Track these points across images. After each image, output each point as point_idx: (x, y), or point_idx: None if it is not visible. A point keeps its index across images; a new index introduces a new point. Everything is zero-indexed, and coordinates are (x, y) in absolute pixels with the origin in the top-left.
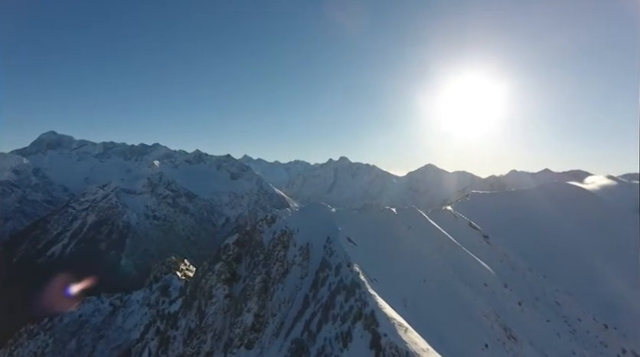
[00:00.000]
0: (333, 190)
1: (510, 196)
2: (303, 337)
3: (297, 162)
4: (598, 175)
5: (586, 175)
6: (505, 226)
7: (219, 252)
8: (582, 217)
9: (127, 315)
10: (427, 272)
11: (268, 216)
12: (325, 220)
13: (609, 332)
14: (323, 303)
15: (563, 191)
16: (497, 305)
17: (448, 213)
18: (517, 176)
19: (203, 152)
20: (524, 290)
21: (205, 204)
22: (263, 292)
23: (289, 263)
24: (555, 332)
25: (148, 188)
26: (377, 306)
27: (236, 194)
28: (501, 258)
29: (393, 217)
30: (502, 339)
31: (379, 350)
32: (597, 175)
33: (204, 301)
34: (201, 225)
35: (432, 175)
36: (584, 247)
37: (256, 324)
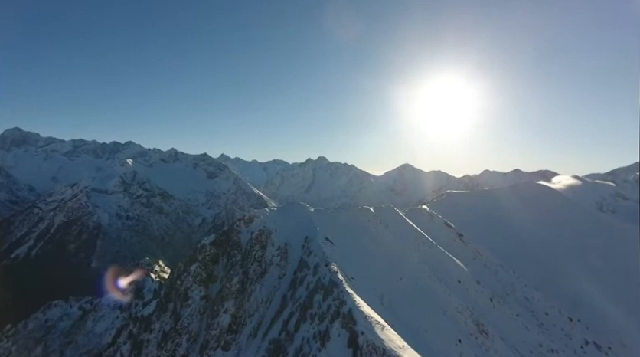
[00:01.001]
0: (311, 189)
1: (483, 195)
2: (281, 337)
3: (275, 162)
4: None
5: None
6: (478, 224)
7: (195, 253)
8: (549, 215)
9: (98, 319)
10: (404, 270)
11: (246, 216)
12: (304, 219)
13: (574, 324)
14: (301, 303)
15: (532, 191)
16: (470, 301)
17: (424, 212)
18: (490, 176)
19: (179, 150)
20: (495, 286)
21: (181, 204)
22: (241, 292)
23: (267, 263)
24: (524, 325)
25: (121, 187)
26: (354, 304)
27: (213, 193)
28: (474, 256)
29: (371, 216)
30: (475, 334)
31: (356, 348)
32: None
33: (180, 303)
34: (177, 225)
35: (409, 174)
36: (551, 243)
37: (233, 325)
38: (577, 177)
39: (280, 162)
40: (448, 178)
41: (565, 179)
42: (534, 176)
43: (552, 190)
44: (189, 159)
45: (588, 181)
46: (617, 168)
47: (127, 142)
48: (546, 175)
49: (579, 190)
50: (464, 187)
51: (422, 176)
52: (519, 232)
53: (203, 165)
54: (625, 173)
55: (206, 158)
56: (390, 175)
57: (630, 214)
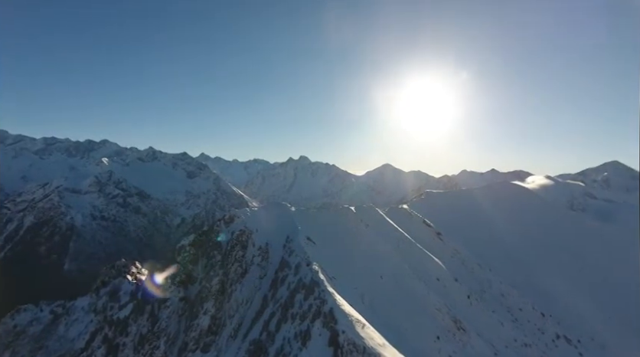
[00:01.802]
0: (293, 189)
1: (460, 195)
2: (262, 337)
3: (256, 161)
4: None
5: (527, 175)
6: (456, 223)
7: (174, 253)
8: (523, 214)
9: (70, 323)
10: (384, 269)
11: (226, 216)
12: (285, 219)
13: (546, 319)
14: (282, 303)
15: (507, 191)
16: (448, 298)
17: (404, 211)
18: (468, 176)
19: (157, 149)
20: (472, 284)
21: (159, 204)
22: (221, 293)
23: (248, 263)
24: (499, 321)
25: (96, 187)
26: (335, 303)
27: (192, 193)
28: (452, 254)
29: (352, 215)
30: (452, 331)
31: (337, 347)
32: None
33: (157, 305)
34: (155, 226)
35: (390, 174)
36: (525, 241)
37: (212, 326)
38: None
39: (261, 161)
40: (428, 178)
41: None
42: (509, 176)
43: (526, 190)
44: (168, 158)
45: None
46: (587, 168)
47: (102, 141)
48: (520, 175)
49: (551, 189)
50: (443, 187)
51: (402, 176)
52: (495, 230)
53: (182, 165)
54: (594, 173)
55: (185, 157)
56: (371, 175)
57: (598, 212)
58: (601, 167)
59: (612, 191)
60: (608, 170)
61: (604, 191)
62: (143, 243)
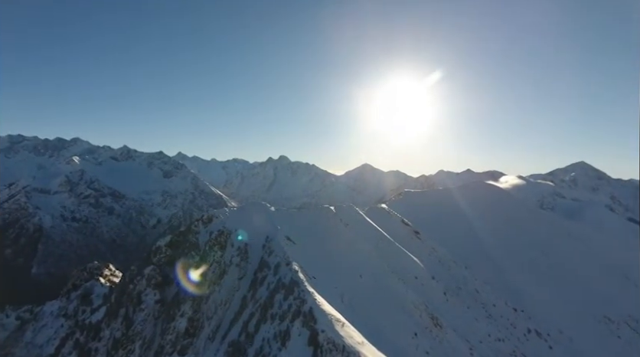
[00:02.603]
0: (272, 189)
1: (437, 194)
2: (241, 339)
3: (235, 161)
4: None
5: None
6: (434, 222)
7: (149, 255)
8: (497, 212)
9: (38, 329)
10: (364, 268)
11: (204, 216)
12: (264, 219)
13: (518, 314)
14: (261, 303)
15: (481, 190)
16: (426, 296)
17: (383, 210)
18: (444, 176)
19: (131, 148)
20: (448, 281)
21: (134, 204)
22: (198, 295)
23: (227, 264)
24: (474, 317)
25: (66, 186)
26: (315, 303)
27: (169, 193)
28: (429, 252)
29: (331, 215)
30: (429, 327)
31: (317, 346)
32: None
33: (132, 308)
34: (129, 227)
35: (369, 174)
36: (499, 239)
37: (190, 329)
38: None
39: (240, 161)
40: (406, 178)
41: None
42: (484, 176)
43: (499, 189)
44: (143, 158)
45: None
46: (556, 168)
47: (73, 139)
48: (494, 175)
49: (523, 189)
50: (420, 186)
51: (381, 176)
52: (470, 229)
53: (158, 164)
54: (562, 173)
55: (162, 156)
56: (351, 175)
57: (567, 211)
58: (569, 167)
59: (579, 190)
60: (576, 170)
61: (571, 191)
62: (117, 244)
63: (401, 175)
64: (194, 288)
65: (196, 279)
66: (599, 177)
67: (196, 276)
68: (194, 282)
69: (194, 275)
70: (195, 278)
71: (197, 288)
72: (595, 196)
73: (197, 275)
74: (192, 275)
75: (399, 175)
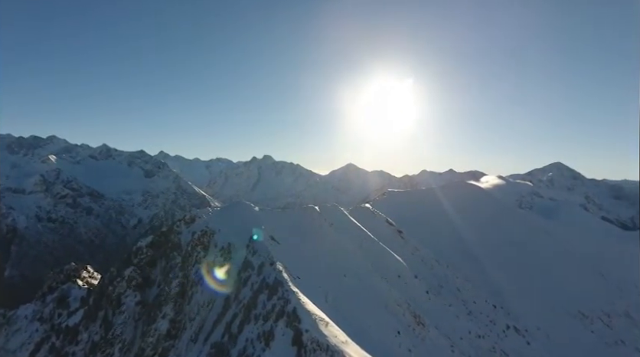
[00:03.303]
0: (257, 188)
1: (421, 194)
2: (224, 340)
3: (219, 160)
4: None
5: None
6: (417, 221)
7: (130, 256)
8: (478, 212)
9: (12, 333)
10: (348, 267)
11: (186, 216)
12: (248, 219)
13: (497, 311)
14: (245, 304)
15: (463, 190)
16: (409, 294)
17: (367, 210)
18: (427, 176)
19: (111, 147)
20: (431, 280)
21: (114, 205)
22: (180, 296)
23: (210, 264)
24: (455, 314)
25: (42, 186)
26: (299, 303)
27: (150, 193)
28: (412, 251)
29: (316, 215)
30: (412, 326)
31: (300, 346)
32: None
33: (112, 310)
34: (109, 227)
35: (353, 174)
36: (480, 238)
37: (172, 331)
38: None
39: (224, 160)
40: (390, 178)
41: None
42: (466, 176)
43: (480, 189)
44: (123, 156)
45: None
46: (534, 169)
47: (49, 137)
48: (476, 175)
49: (503, 189)
50: (404, 186)
51: (365, 176)
52: (452, 228)
53: (139, 163)
54: (540, 173)
55: (143, 155)
56: (335, 175)
57: (544, 210)
58: (546, 168)
59: (556, 190)
60: (553, 171)
61: (548, 190)
62: (95, 245)
63: (385, 175)
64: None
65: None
66: (574, 177)
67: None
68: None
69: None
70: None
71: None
72: (571, 196)
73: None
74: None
75: (383, 175)
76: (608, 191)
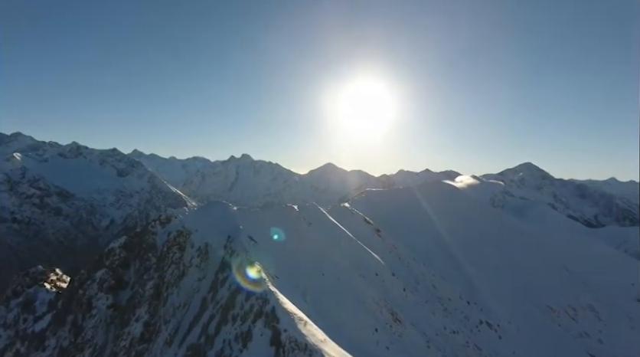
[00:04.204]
0: (235, 188)
1: (398, 193)
2: (200, 341)
3: (196, 159)
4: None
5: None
6: (394, 220)
7: (102, 257)
8: (453, 210)
9: None
10: (326, 266)
11: (162, 216)
12: (226, 218)
13: (471, 307)
14: (222, 304)
15: (438, 189)
16: (386, 292)
17: (345, 209)
18: (404, 175)
19: (82, 144)
20: (407, 277)
21: (84, 205)
22: (155, 298)
23: (186, 265)
24: (431, 311)
25: (6, 185)
26: (277, 302)
27: (123, 192)
28: (390, 250)
29: (294, 214)
30: (389, 323)
31: (279, 346)
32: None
33: (81, 314)
34: (79, 228)
35: (332, 173)
36: (455, 236)
37: (146, 333)
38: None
39: (201, 159)
40: (369, 177)
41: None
42: (441, 176)
43: (455, 188)
44: (95, 155)
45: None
46: (506, 169)
47: (14, 134)
48: (451, 175)
49: (476, 188)
50: (382, 185)
51: (344, 175)
52: (429, 226)
53: (112, 162)
54: (511, 173)
55: (115, 153)
56: (314, 174)
57: (515, 208)
58: (517, 168)
59: (526, 189)
60: (523, 171)
61: (519, 190)
62: (64, 247)
63: (363, 175)
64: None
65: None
66: (543, 177)
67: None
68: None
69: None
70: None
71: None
72: (540, 195)
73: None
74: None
75: (361, 175)
76: (575, 190)
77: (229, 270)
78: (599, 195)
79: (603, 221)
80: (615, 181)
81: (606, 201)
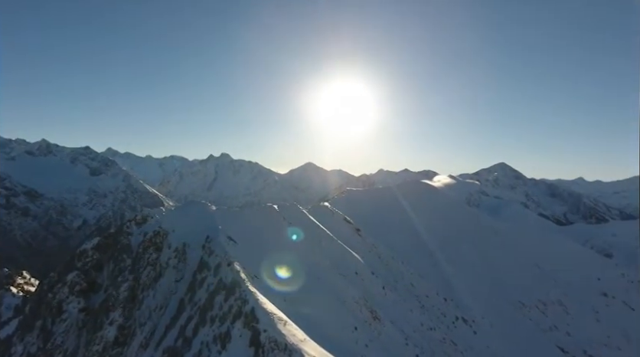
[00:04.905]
0: (213, 187)
1: (377, 193)
2: (177, 344)
3: (173, 158)
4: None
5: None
6: (374, 219)
7: (73, 259)
8: (431, 209)
9: None
10: (306, 266)
11: (138, 216)
12: (204, 218)
13: (447, 304)
14: (200, 306)
15: (417, 188)
16: (366, 291)
17: (326, 209)
18: (384, 175)
19: (52, 142)
20: (387, 276)
21: (54, 205)
22: (130, 300)
23: (163, 266)
24: (409, 309)
25: None
26: (257, 303)
27: (97, 192)
28: (369, 249)
29: (274, 214)
30: (369, 321)
31: (258, 347)
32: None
33: (51, 319)
34: (48, 229)
35: (312, 172)
36: (433, 234)
37: (120, 337)
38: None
39: (179, 158)
40: (349, 177)
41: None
42: (420, 175)
43: (433, 188)
44: (66, 153)
45: (460, 180)
46: (481, 168)
47: None
48: (429, 175)
49: (453, 187)
50: (362, 185)
51: (325, 174)
52: (408, 225)
53: (84, 160)
54: (486, 173)
55: (88, 152)
56: (295, 174)
57: (490, 207)
58: (492, 168)
59: (500, 188)
60: (497, 171)
61: (494, 189)
62: (33, 248)
63: (344, 174)
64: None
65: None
66: (516, 177)
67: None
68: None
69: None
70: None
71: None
72: (514, 194)
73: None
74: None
75: (341, 174)
76: (546, 189)
77: (207, 270)
78: (567, 194)
79: (571, 219)
80: (583, 181)
81: (574, 200)
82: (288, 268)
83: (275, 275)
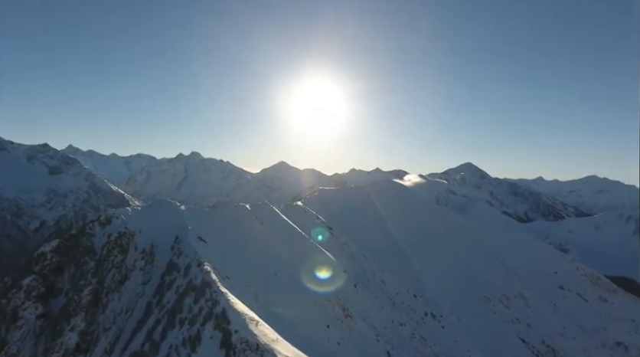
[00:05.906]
0: (183, 187)
1: (349, 192)
2: (144, 349)
3: (140, 156)
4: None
5: (405, 174)
6: (346, 217)
7: (30, 262)
8: (402, 208)
9: None
10: (279, 265)
11: (101, 216)
12: (173, 218)
13: (417, 300)
14: (169, 308)
15: (388, 187)
16: (338, 289)
17: (298, 208)
18: (356, 174)
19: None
20: (359, 274)
21: (10, 205)
22: (93, 305)
23: (128, 268)
24: (380, 306)
25: None
26: (228, 303)
27: (56, 192)
28: (342, 247)
29: (246, 213)
30: (341, 319)
31: (229, 348)
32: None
33: (5, 326)
34: (3, 232)
35: (285, 172)
36: (403, 232)
37: (82, 343)
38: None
39: (146, 156)
40: (321, 176)
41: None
42: (391, 175)
43: (404, 187)
44: (21, 150)
45: (429, 179)
46: (449, 168)
47: None
48: (399, 174)
49: (423, 186)
50: (334, 184)
51: (297, 174)
52: (379, 223)
53: (42, 158)
54: (453, 173)
55: (47, 149)
56: (267, 173)
57: (457, 205)
58: (459, 167)
59: (467, 188)
60: (464, 170)
61: (461, 188)
62: None
63: (316, 173)
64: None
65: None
66: (481, 176)
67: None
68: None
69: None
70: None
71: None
72: (479, 193)
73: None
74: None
75: (314, 173)
76: (509, 188)
77: (176, 272)
78: (528, 193)
79: (532, 217)
80: (542, 180)
81: (535, 199)
82: (259, 267)
83: (246, 275)
